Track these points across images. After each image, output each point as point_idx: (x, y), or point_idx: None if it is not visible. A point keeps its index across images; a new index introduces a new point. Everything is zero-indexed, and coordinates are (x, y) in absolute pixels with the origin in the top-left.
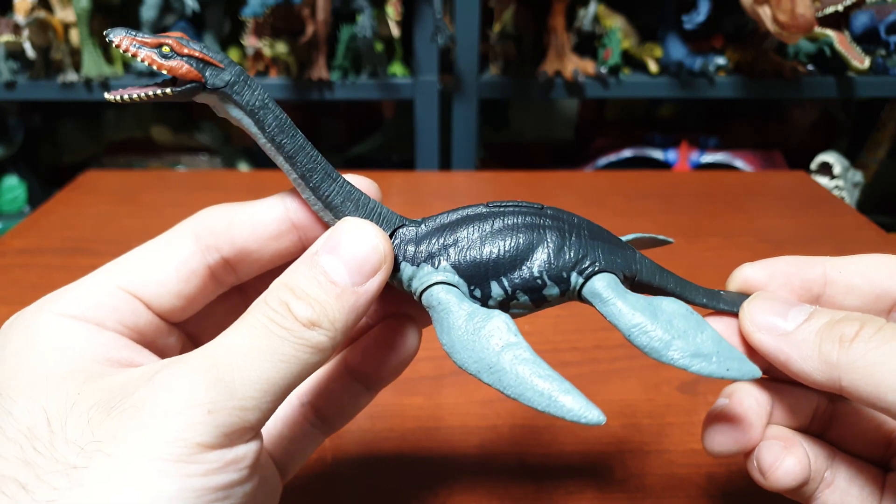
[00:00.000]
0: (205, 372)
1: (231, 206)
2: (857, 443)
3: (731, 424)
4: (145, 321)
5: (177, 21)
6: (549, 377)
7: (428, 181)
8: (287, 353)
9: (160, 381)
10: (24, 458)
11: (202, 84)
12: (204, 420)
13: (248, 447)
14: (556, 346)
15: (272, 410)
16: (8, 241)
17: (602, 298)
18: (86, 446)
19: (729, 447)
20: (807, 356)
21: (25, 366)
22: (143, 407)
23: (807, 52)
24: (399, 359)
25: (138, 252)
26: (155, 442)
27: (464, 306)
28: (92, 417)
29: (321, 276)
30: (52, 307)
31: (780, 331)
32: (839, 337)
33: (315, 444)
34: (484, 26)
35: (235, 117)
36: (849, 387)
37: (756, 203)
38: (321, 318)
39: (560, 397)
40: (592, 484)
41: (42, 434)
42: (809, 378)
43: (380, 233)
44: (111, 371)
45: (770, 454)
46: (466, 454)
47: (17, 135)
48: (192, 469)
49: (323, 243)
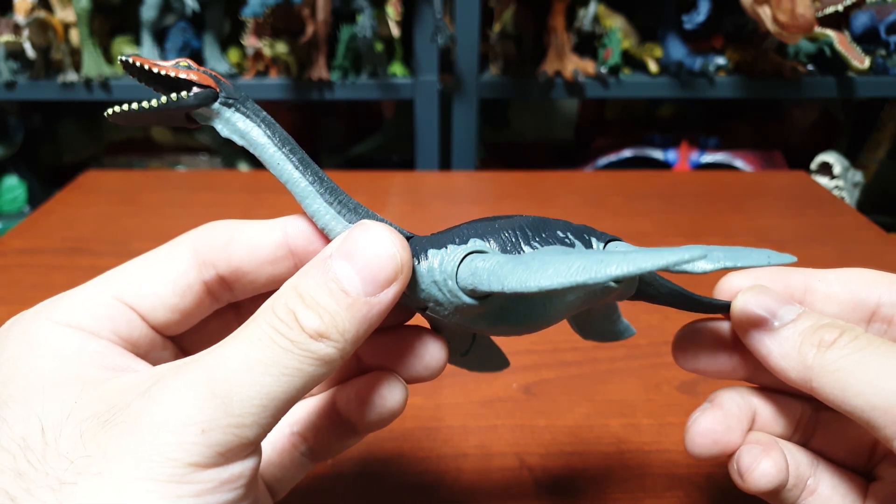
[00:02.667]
0: (200, 387)
1: (233, 224)
2: (841, 451)
3: (713, 427)
4: (140, 333)
5: (177, 21)
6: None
7: (428, 181)
8: (290, 365)
9: (154, 395)
10: (16, 469)
11: (216, 92)
12: (197, 440)
13: (245, 464)
14: (557, 346)
15: (272, 425)
16: (8, 241)
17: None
18: (76, 461)
19: (709, 449)
20: (786, 354)
21: (21, 372)
22: (135, 423)
23: (807, 52)
24: (381, 413)
25: (137, 263)
26: (145, 462)
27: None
28: (85, 430)
29: (332, 284)
30: (49, 314)
31: (767, 326)
32: (819, 341)
33: (304, 471)
34: (484, 26)
35: (242, 129)
36: (818, 388)
37: (756, 203)
38: (330, 330)
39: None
40: (592, 484)
41: (36, 444)
42: (784, 374)
43: (399, 239)
44: (109, 375)
45: (748, 456)
46: (466, 454)
47: (17, 135)
48: (183, 490)
49: (337, 247)
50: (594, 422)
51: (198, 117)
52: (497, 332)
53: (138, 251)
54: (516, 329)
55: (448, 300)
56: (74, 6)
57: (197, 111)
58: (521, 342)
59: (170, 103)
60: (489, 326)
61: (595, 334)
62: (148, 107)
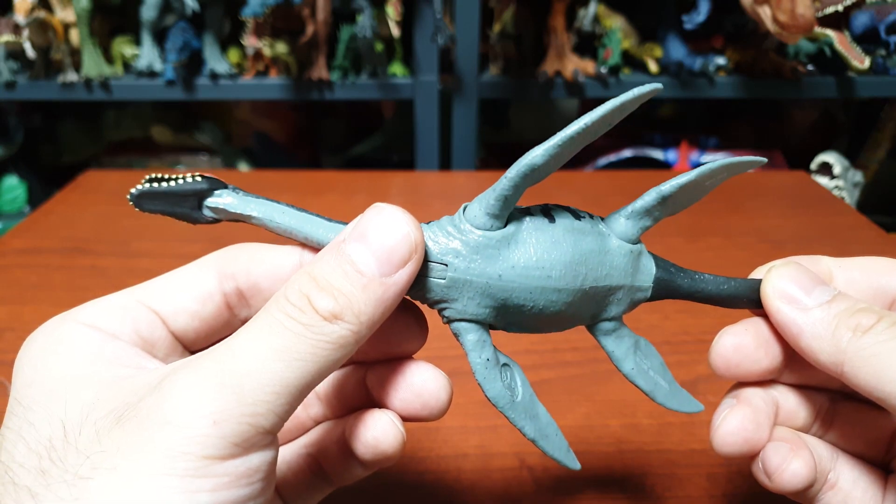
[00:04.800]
0: (210, 378)
1: (255, 245)
2: (859, 444)
3: (743, 425)
4: (159, 335)
5: (177, 21)
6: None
7: (428, 181)
8: (303, 350)
9: (165, 389)
10: (40, 468)
11: (224, 184)
12: (210, 432)
13: (263, 456)
14: (557, 346)
15: (290, 413)
16: (8, 241)
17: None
18: (91, 456)
19: (739, 448)
20: (818, 335)
21: (43, 373)
22: (147, 417)
23: (807, 52)
24: (374, 451)
25: (163, 275)
26: (159, 456)
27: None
28: (100, 428)
29: (347, 266)
30: (76, 315)
31: (801, 304)
32: (855, 325)
33: (321, 494)
34: (484, 26)
35: (255, 201)
36: (850, 372)
37: (756, 203)
38: (345, 311)
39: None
40: (592, 484)
41: (58, 444)
42: (814, 356)
43: (411, 219)
44: (126, 374)
45: (777, 456)
46: (466, 454)
47: (17, 135)
48: (198, 484)
49: (351, 230)
50: (594, 422)
51: (209, 203)
52: (516, 317)
53: (138, 251)
54: (535, 313)
55: (462, 256)
56: (74, 6)
57: (208, 199)
58: (522, 342)
59: (185, 184)
60: (505, 314)
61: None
62: (166, 186)
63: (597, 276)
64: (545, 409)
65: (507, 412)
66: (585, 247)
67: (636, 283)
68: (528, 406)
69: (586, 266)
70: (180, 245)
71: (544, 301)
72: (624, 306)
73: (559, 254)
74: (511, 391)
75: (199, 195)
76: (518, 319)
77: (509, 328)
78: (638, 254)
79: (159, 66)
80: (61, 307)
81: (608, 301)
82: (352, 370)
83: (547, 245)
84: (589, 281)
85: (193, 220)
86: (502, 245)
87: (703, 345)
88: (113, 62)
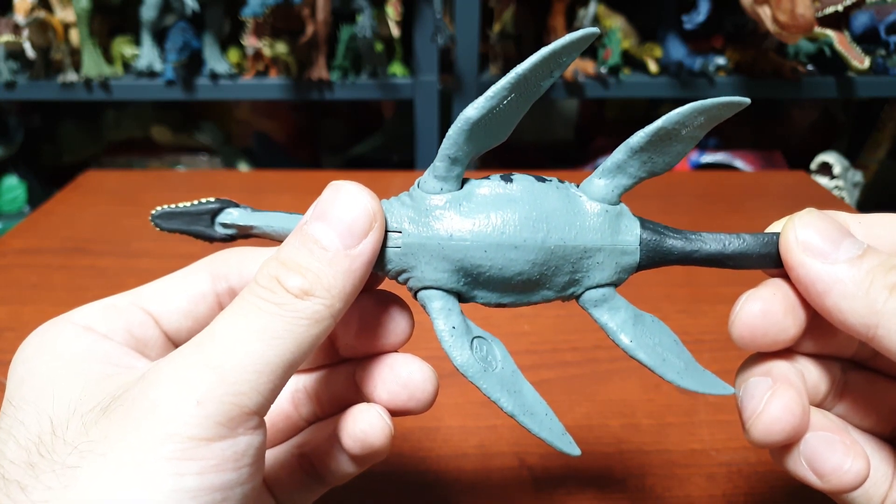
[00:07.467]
0: (192, 362)
1: (245, 248)
2: (870, 418)
3: (791, 409)
4: (152, 335)
5: (177, 21)
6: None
7: None
8: (279, 328)
9: (150, 377)
10: (29, 462)
11: (235, 203)
12: (194, 412)
13: (249, 440)
14: (556, 346)
15: (275, 392)
16: (8, 241)
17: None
18: (79, 446)
19: (783, 437)
20: (849, 294)
21: (34, 373)
22: (133, 405)
23: (807, 52)
24: (361, 443)
25: (155, 280)
26: (145, 441)
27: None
28: (87, 421)
29: (311, 244)
30: (71, 317)
31: (829, 258)
32: (893, 284)
33: (314, 493)
34: (484, 26)
35: (257, 213)
36: (884, 335)
37: (756, 203)
38: (314, 286)
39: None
40: (592, 484)
41: (46, 438)
42: (842, 317)
43: (367, 190)
44: (114, 372)
45: (833, 455)
46: (466, 454)
47: (17, 135)
48: (185, 467)
49: (311, 212)
50: (594, 422)
51: (220, 219)
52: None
53: (138, 251)
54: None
55: (414, 222)
56: (74, 6)
57: (222, 215)
58: (522, 342)
59: (200, 204)
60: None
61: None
62: (182, 207)
63: (563, 234)
64: (534, 390)
65: (478, 381)
66: (547, 205)
67: (618, 245)
68: (509, 380)
69: (548, 223)
70: (180, 245)
71: (503, 260)
72: (609, 271)
73: (514, 210)
74: (485, 363)
75: (212, 213)
76: (482, 283)
77: (478, 298)
78: (616, 214)
79: (159, 66)
80: (61, 307)
81: (586, 265)
82: (341, 368)
83: (501, 202)
84: (553, 239)
85: (209, 237)
86: (453, 205)
87: (703, 344)
88: (113, 62)
